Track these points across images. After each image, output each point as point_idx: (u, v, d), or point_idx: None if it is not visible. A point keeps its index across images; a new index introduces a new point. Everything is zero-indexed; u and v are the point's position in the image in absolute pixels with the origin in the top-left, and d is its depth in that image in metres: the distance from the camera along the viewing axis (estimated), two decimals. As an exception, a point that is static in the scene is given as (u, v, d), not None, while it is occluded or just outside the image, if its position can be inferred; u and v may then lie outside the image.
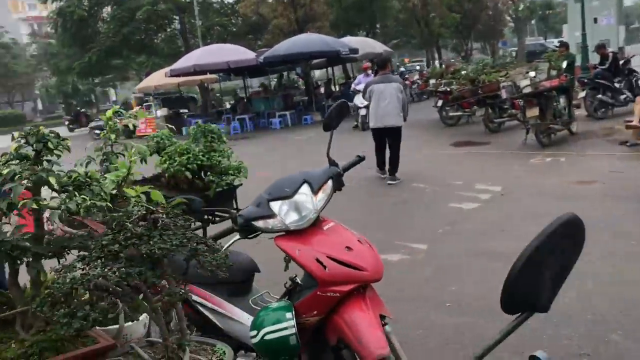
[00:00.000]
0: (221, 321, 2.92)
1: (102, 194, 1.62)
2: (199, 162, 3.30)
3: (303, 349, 2.63)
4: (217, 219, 3.33)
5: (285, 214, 2.62)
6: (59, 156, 1.66)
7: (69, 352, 1.58)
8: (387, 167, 9.43)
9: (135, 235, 1.48)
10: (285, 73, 27.23)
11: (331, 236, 2.63)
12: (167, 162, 3.29)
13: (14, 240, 1.50)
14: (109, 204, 1.62)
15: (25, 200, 1.49)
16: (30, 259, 1.57)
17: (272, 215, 2.63)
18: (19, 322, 1.60)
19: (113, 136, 2.70)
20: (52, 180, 1.57)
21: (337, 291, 2.48)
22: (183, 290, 1.57)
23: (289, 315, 2.53)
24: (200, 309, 2.98)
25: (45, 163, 1.59)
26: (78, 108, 36.71)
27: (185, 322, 1.64)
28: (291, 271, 2.67)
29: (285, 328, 2.50)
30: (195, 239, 1.59)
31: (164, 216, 1.52)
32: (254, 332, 2.57)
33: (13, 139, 1.57)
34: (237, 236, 2.72)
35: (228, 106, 23.94)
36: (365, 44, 22.74)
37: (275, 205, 2.64)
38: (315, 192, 2.69)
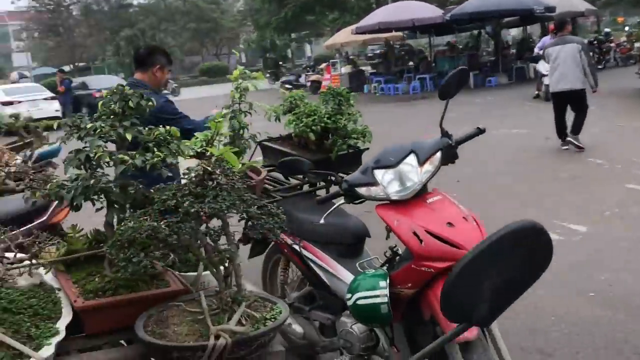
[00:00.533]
0: (329, 279, 3.01)
1: (180, 151, 1.76)
2: (323, 124, 3.36)
3: (397, 319, 2.63)
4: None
5: (388, 183, 2.59)
6: (141, 114, 1.82)
7: (141, 292, 1.76)
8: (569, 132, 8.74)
9: (192, 193, 1.58)
10: (477, 32, 25.97)
11: (434, 210, 2.54)
12: (294, 123, 3.40)
13: (97, 186, 1.69)
14: (174, 162, 1.75)
15: (101, 153, 1.67)
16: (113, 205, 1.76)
17: (374, 183, 2.61)
18: (107, 259, 1.82)
19: (237, 95, 2.85)
20: (128, 136, 1.73)
21: (431, 267, 2.41)
22: (233, 250, 1.65)
23: (382, 283, 2.53)
24: (312, 265, 3.10)
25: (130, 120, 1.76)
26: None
27: (241, 277, 1.73)
28: (392, 240, 2.64)
29: (378, 296, 2.51)
30: (253, 202, 1.65)
31: (221, 177, 1.60)
32: (349, 295, 2.62)
33: (106, 95, 1.76)
34: (342, 200, 2.75)
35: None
36: (565, 2, 20.77)
37: (378, 174, 2.62)
38: (421, 163, 2.60)
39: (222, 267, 1.70)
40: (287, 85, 26.61)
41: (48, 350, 1.48)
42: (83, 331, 1.75)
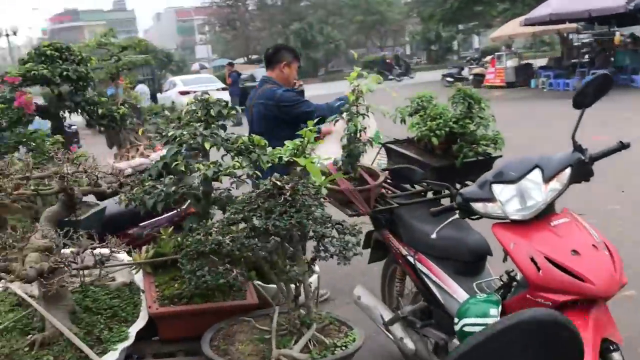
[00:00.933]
0: (443, 297, 2.82)
1: (260, 161, 1.70)
2: (448, 128, 3.12)
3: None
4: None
5: (507, 200, 2.34)
6: (224, 123, 1.78)
7: (214, 302, 1.73)
8: None
9: (261, 207, 1.51)
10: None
11: (558, 234, 2.24)
12: (417, 125, 3.20)
13: (178, 193, 1.69)
14: (257, 172, 1.69)
15: (177, 162, 1.66)
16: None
17: (492, 199, 2.37)
18: (188, 266, 1.82)
19: (352, 97, 2.75)
20: (207, 145, 1.70)
21: (549, 299, 2.14)
22: (299, 271, 1.55)
23: (493, 311, 2.31)
24: (426, 280, 2.92)
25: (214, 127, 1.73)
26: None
27: (312, 300, 1.62)
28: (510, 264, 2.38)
29: (487, 325, 2.28)
30: (324, 221, 1.53)
31: (291, 193, 1.50)
32: (456, 320, 2.42)
33: (188, 103, 1.76)
34: (456, 215, 2.53)
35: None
36: None
37: (497, 189, 2.37)
38: (547, 180, 2.30)
39: (293, 286, 1.62)
40: (448, 79, 25.88)
41: (112, 355, 1.50)
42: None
